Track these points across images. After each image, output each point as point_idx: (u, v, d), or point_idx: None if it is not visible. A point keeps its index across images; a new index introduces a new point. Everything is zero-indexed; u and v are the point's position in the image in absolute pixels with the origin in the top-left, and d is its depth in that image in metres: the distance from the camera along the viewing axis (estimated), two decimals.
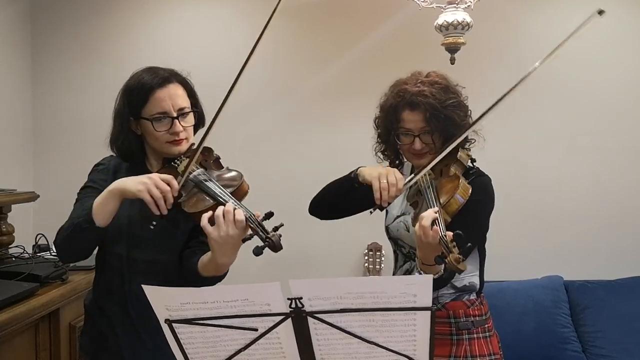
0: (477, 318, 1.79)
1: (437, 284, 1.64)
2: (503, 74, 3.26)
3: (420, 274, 1.64)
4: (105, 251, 1.73)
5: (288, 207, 3.46)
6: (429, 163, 1.68)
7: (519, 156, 3.31)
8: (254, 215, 1.48)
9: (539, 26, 3.33)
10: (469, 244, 1.44)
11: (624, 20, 3.32)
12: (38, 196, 2.87)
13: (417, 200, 1.72)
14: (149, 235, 1.63)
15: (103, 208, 1.56)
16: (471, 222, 1.66)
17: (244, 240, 1.47)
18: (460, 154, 1.76)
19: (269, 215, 1.49)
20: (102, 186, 1.64)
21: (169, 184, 1.55)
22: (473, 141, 1.84)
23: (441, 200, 1.62)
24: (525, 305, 3.07)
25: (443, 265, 1.46)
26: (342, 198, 1.88)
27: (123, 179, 1.60)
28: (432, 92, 1.73)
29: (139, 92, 1.67)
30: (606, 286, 3.18)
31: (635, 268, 3.26)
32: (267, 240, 1.43)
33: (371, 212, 1.78)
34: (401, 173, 1.77)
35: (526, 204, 3.33)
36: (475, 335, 1.78)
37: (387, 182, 1.64)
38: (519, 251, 3.33)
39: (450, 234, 1.47)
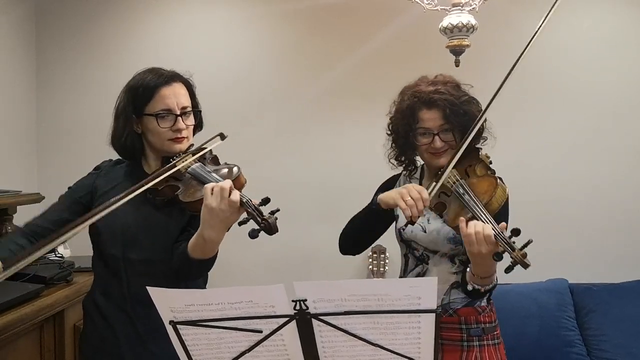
0: (487, 325, 1.79)
1: (487, 294, 1.69)
2: None
3: (473, 288, 1.65)
4: (102, 254, 1.73)
5: (292, 209, 3.49)
6: (449, 163, 1.68)
7: (523, 159, 3.30)
8: (251, 201, 1.48)
9: (543, 29, 3.32)
10: (530, 239, 1.50)
11: (625, 20, 3.32)
12: (43, 197, 2.87)
13: (442, 201, 1.70)
14: (144, 236, 1.64)
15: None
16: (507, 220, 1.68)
17: (240, 224, 1.46)
18: (481, 154, 1.77)
19: (265, 200, 1.48)
20: (80, 192, 1.74)
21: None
22: (485, 139, 1.83)
23: (482, 200, 1.62)
24: (529, 308, 3.06)
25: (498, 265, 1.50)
26: (369, 232, 1.88)
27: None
28: (447, 89, 1.75)
29: (144, 89, 1.69)
30: (611, 289, 3.16)
31: None
32: (263, 222, 1.42)
33: (403, 229, 1.82)
34: (415, 178, 1.81)
35: (530, 207, 3.31)
36: (485, 342, 1.77)
37: (412, 198, 1.62)
38: None
39: (502, 224, 1.52)
